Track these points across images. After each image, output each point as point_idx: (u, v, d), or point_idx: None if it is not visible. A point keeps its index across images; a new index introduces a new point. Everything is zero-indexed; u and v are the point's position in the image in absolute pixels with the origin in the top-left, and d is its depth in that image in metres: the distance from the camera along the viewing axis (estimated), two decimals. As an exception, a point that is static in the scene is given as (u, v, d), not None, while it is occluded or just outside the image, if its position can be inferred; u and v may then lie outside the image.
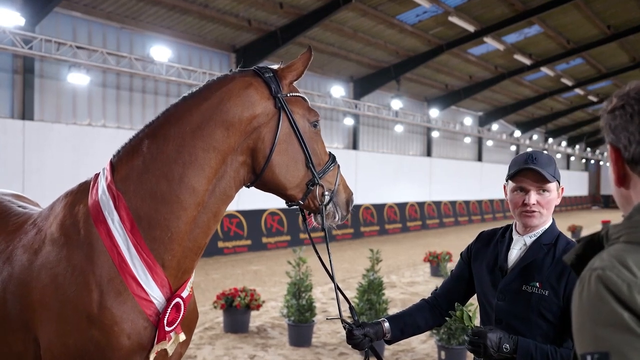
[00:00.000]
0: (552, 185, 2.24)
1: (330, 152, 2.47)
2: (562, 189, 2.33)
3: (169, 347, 2.17)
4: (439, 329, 5.93)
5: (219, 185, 2.21)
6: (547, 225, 2.31)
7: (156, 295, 2.12)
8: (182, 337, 2.24)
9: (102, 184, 2.19)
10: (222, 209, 2.27)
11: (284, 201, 2.41)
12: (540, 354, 2.10)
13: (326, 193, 2.36)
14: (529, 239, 2.30)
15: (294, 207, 2.39)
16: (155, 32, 14.66)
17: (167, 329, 2.14)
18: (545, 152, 2.40)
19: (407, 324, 2.50)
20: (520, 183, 2.24)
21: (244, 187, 2.34)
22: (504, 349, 2.08)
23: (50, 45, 11.94)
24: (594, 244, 1.10)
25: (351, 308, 2.44)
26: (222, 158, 2.19)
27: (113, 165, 2.23)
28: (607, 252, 1.01)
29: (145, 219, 2.12)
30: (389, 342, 2.51)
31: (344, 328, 2.41)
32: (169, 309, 2.13)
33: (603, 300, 0.93)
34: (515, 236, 2.36)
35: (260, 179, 2.28)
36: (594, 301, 0.95)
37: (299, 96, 2.37)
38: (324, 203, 2.36)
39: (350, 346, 2.41)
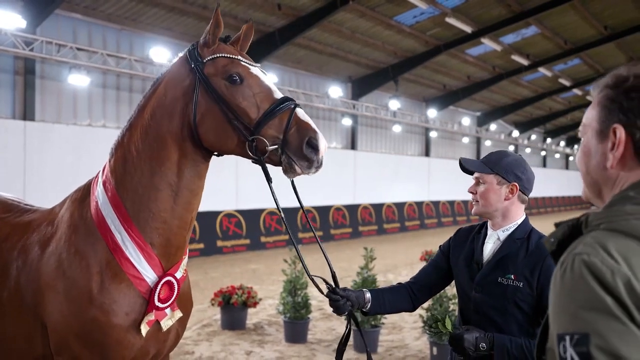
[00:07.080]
0: (487, 178, 2.41)
1: (277, 98, 2.18)
2: (515, 185, 2.40)
3: (164, 322, 2.31)
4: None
5: (184, 163, 2.27)
6: (519, 221, 2.45)
7: (148, 274, 2.26)
8: (179, 314, 2.39)
9: (100, 179, 2.38)
10: (197, 184, 2.33)
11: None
12: (515, 347, 2.22)
13: (270, 147, 2.10)
14: (502, 234, 2.45)
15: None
16: (155, 34, 14.79)
17: (159, 305, 2.28)
18: (505, 150, 2.55)
19: (387, 300, 2.58)
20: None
21: (216, 156, 2.35)
22: (481, 348, 2.21)
23: (51, 47, 12.08)
24: (573, 230, 1.13)
25: (333, 275, 2.41)
26: (174, 138, 2.25)
27: (110, 161, 2.40)
28: (591, 238, 1.02)
29: (132, 204, 2.26)
30: (367, 313, 2.54)
31: (327, 288, 2.40)
32: (160, 285, 2.28)
33: (587, 284, 0.95)
34: (489, 231, 2.50)
35: (209, 149, 2.27)
36: (577, 284, 0.96)
37: (218, 57, 2.22)
38: (279, 155, 2.11)
39: (332, 309, 2.42)
